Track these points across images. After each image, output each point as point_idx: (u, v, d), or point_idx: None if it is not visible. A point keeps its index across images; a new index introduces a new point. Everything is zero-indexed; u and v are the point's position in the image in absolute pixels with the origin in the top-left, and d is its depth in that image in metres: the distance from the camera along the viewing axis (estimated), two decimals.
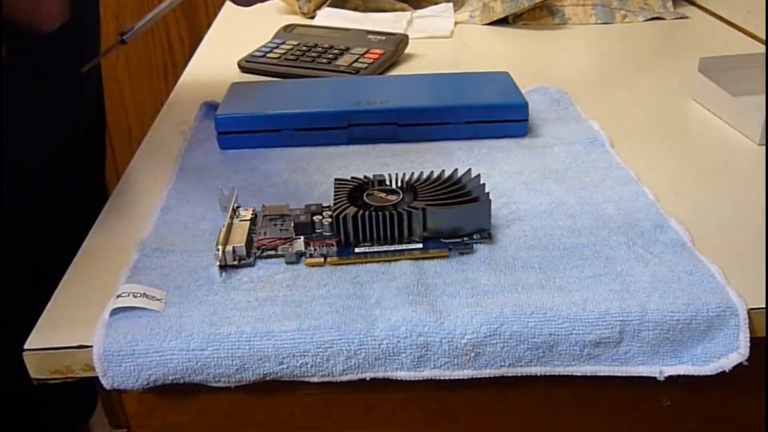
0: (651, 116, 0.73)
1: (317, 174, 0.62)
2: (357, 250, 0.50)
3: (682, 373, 0.46)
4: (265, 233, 0.53)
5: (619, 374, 0.46)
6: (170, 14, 1.57)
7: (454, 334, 0.44)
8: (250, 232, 0.53)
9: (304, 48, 0.89)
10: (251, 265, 0.50)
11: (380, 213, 0.50)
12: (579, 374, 0.46)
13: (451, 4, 1.08)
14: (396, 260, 0.50)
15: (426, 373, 0.45)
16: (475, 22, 1.06)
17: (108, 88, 1.59)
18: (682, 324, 0.45)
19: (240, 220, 0.54)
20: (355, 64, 0.84)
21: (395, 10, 1.09)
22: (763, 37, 0.93)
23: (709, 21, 1.04)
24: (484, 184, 0.52)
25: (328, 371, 0.45)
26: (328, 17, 1.05)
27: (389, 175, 0.54)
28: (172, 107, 0.78)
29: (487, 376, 0.45)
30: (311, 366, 0.45)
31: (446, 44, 0.98)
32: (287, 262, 0.50)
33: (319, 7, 1.10)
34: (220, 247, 0.49)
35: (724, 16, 1.04)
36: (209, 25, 1.10)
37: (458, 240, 0.51)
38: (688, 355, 0.46)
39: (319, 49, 0.89)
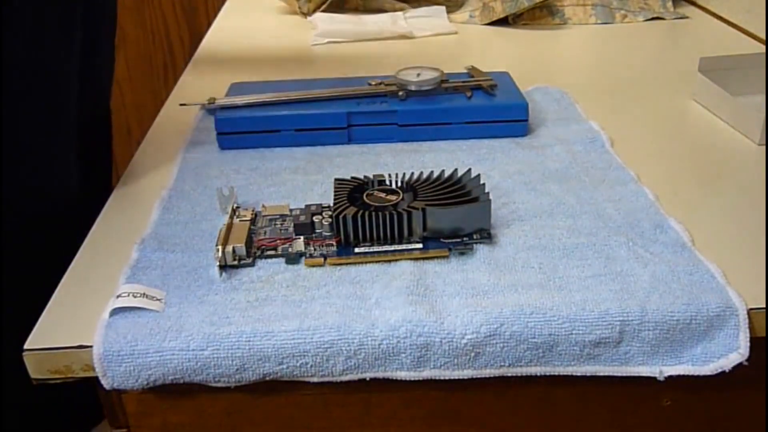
0: (651, 116, 0.73)
1: (317, 174, 0.62)
2: (357, 250, 0.50)
3: (682, 373, 0.46)
4: (265, 233, 0.53)
5: (619, 374, 0.46)
6: (170, 14, 1.57)
7: (454, 334, 0.44)
8: (250, 232, 0.53)
9: None
10: (251, 265, 0.50)
11: (380, 213, 0.50)
12: (579, 374, 0.46)
13: (443, 7, 1.08)
14: (396, 260, 0.50)
15: (426, 373, 0.45)
16: (475, 22, 1.06)
17: None
18: (682, 324, 0.45)
19: (240, 220, 0.54)
20: None
21: (395, 10, 1.09)
22: (763, 37, 0.93)
23: (709, 21, 1.04)
24: (484, 184, 0.52)
25: (328, 371, 0.45)
26: (324, 21, 1.04)
27: (389, 175, 0.54)
28: (172, 107, 0.78)
29: (487, 376, 0.45)
30: (311, 366, 0.45)
31: (446, 44, 0.98)
32: (287, 262, 0.50)
33: (318, 7, 1.10)
34: (220, 247, 0.49)
35: (724, 16, 1.04)
36: (209, 25, 1.10)
37: (458, 240, 0.51)
38: (688, 355, 0.46)
39: None
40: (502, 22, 1.04)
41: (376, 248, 0.51)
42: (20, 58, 0.59)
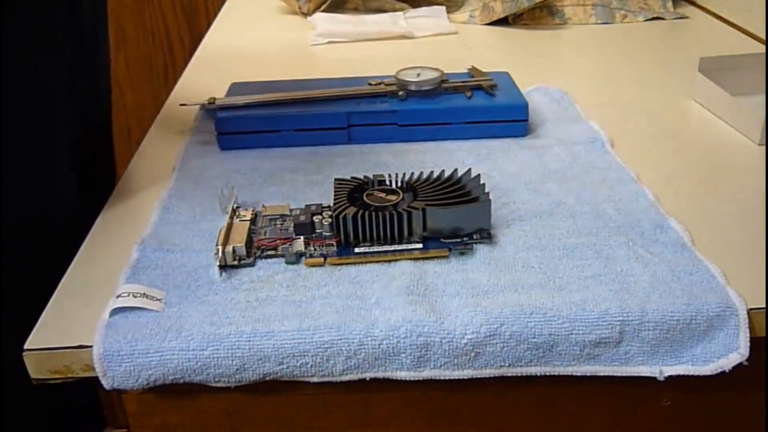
0: (651, 116, 0.73)
1: (317, 174, 0.62)
2: (357, 250, 0.50)
3: (682, 373, 0.46)
4: (265, 233, 0.53)
5: (619, 374, 0.46)
6: (170, 14, 1.57)
7: (454, 334, 0.44)
8: (250, 232, 0.53)
9: None
10: (251, 265, 0.50)
11: (380, 213, 0.50)
12: (579, 374, 0.46)
13: (443, 7, 1.08)
14: (396, 260, 0.50)
15: (426, 373, 0.45)
16: (475, 22, 1.06)
17: None
18: (682, 324, 0.45)
19: (240, 220, 0.54)
20: None
21: (395, 10, 1.09)
22: (763, 37, 0.93)
23: (709, 21, 1.04)
24: (484, 184, 0.52)
25: (328, 371, 0.45)
26: (324, 21, 1.04)
27: (389, 175, 0.54)
28: (172, 107, 0.78)
29: (487, 376, 0.45)
30: (311, 366, 0.45)
31: (447, 44, 0.98)
32: (287, 262, 0.50)
33: (318, 7, 1.10)
34: (220, 247, 0.49)
35: (724, 16, 1.04)
36: (209, 25, 1.10)
37: (458, 240, 0.51)
38: (688, 355, 0.46)
39: None
40: (502, 22, 1.04)
41: (376, 248, 0.51)
42: (7, 71, 0.58)
